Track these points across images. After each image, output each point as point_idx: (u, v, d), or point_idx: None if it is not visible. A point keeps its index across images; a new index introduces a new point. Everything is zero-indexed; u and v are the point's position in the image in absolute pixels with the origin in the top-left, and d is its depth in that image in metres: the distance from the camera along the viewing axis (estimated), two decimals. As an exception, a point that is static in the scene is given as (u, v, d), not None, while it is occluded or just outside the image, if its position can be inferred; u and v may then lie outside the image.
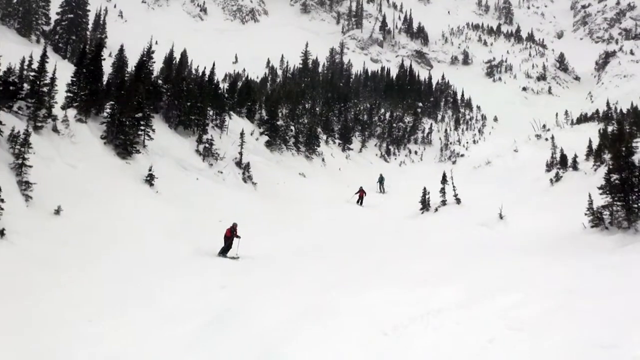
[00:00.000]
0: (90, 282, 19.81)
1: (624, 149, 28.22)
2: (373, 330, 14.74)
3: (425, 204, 42.63)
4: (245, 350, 14.62)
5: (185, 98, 47.11)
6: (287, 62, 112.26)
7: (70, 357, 13.86)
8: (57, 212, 25.10)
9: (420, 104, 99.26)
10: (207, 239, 29.23)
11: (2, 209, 21.92)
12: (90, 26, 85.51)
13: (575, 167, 49.34)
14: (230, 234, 29.01)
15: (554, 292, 16.05)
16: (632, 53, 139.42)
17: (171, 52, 60.19)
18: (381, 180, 58.27)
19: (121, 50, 51.63)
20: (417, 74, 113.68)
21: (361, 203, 48.72)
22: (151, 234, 27.92)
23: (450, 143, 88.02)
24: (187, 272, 23.36)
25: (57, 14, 79.88)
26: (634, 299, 14.16)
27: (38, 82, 33.12)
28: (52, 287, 18.53)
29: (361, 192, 48.46)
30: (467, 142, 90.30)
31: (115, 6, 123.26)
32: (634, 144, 30.11)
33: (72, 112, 35.55)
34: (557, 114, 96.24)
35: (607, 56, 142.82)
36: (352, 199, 48.39)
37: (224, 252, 28.47)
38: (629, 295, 14.67)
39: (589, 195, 28.97)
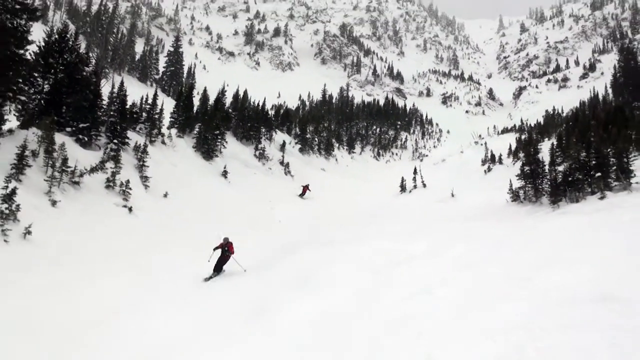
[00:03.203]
0: (189, 238, 20.03)
1: (532, 149, 28.19)
2: (368, 270, 14.87)
3: (402, 188, 42.64)
4: (284, 281, 14.80)
5: (247, 121, 47.23)
6: (312, 96, 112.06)
7: (175, 279, 13.98)
8: (165, 195, 25.33)
9: (399, 123, 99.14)
10: (262, 213, 29.41)
11: (131, 193, 22.20)
12: (184, 75, 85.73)
13: (500, 162, 49.26)
14: (222, 251, 17.40)
15: (488, 244, 16.08)
16: (537, 87, 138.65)
17: (237, 91, 60.24)
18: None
19: (205, 90, 51.68)
20: (397, 103, 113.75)
21: (303, 196, 40.34)
22: (226, 209, 28.16)
23: (419, 148, 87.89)
24: (245, 233, 23.54)
25: (164, 67, 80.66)
26: (541, 247, 14.13)
27: (152, 112, 33.43)
28: (164, 243, 18.75)
29: (305, 188, 40.97)
30: (429, 147, 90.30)
31: (200, 62, 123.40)
32: (538, 147, 30.01)
33: (174, 131, 35.95)
34: (488, 128, 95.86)
35: (521, 89, 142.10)
36: (301, 194, 40.74)
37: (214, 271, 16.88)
38: (537, 245, 14.65)
39: (510, 181, 29.01)
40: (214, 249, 17.47)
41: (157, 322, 12.00)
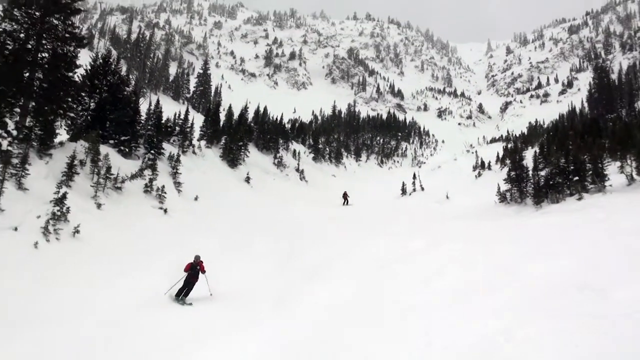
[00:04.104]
0: (216, 236, 19.98)
1: (517, 157, 28.14)
2: (373, 264, 14.82)
3: (403, 191, 42.43)
4: (300, 275, 14.76)
5: (266, 133, 47.30)
6: (324, 112, 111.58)
7: (203, 280, 13.97)
8: (196, 199, 25.37)
9: (400, 134, 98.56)
10: (280, 214, 29.35)
11: (166, 197, 22.29)
12: (212, 93, 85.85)
13: (489, 168, 48.90)
14: (193, 270, 13.67)
15: (479, 240, 15.97)
16: (521, 102, 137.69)
17: (258, 107, 60.19)
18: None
19: (230, 107, 51.88)
20: (398, 117, 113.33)
21: (346, 203, 38.39)
22: (249, 210, 28.14)
23: (417, 156, 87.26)
24: (265, 232, 23.49)
25: (194, 87, 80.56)
26: (526, 243, 14.06)
27: (184, 126, 33.58)
28: (193, 241, 18.71)
29: (345, 196, 39.25)
30: (427, 155, 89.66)
31: (226, 82, 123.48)
32: (523, 154, 29.89)
33: (203, 142, 36.10)
34: (478, 138, 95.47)
35: (507, 104, 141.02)
36: (343, 202, 38.85)
37: (182, 294, 13.23)
38: (523, 241, 14.57)
39: (498, 184, 28.89)
40: (184, 270, 13.56)
41: (210, 305, 12.11)
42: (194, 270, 13.67)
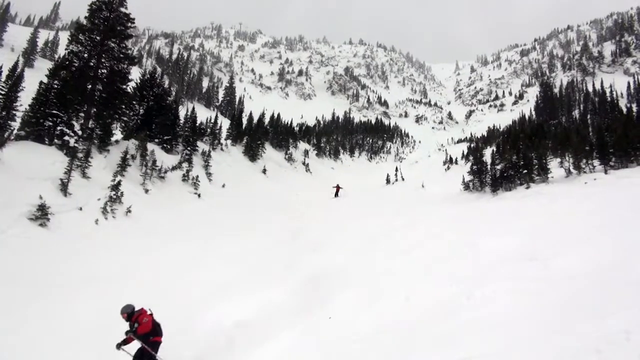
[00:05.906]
0: (239, 215, 20.03)
1: (478, 154, 28.03)
2: (364, 236, 14.81)
3: (387, 180, 42.34)
4: (305, 246, 14.76)
5: (279, 134, 47.16)
6: (325, 117, 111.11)
7: (229, 249, 14.00)
8: (223, 186, 25.38)
9: (385, 136, 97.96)
10: (290, 199, 29.31)
11: (199, 184, 22.29)
12: (236, 102, 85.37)
13: (456, 163, 48.80)
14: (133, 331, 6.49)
15: (449, 219, 15.99)
16: (482, 110, 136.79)
17: (272, 114, 59.86)
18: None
19: (250, 113, 51.66)
20: (384, 122, 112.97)
21: (337, 195, 33.85)
22: (265, 195, 28.12)
23: (399, 153, 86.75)
24: (278, 213, 23.49)
25: (222, 97, 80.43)
26: (484, 222, 14.06)
27: (214, 128, 33.55)
28: (223, 219, 18.76)
29: (337, 188, 34.70)
30: (407, 153, 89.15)
31: (247, 93, 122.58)
32: (483, 152, 29.80)
33: (229, 141, 35.97)
34: (447, 139, 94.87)
35: (470, 112, 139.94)
36: (333, 192, 34.77)
37: None
38: (482, 220, 14.58)
39: (463, 176, 28.79)
40: (119, 347, 6.51)
41: (235, 266, 12.14)
42: (135, 334, 6.59)
